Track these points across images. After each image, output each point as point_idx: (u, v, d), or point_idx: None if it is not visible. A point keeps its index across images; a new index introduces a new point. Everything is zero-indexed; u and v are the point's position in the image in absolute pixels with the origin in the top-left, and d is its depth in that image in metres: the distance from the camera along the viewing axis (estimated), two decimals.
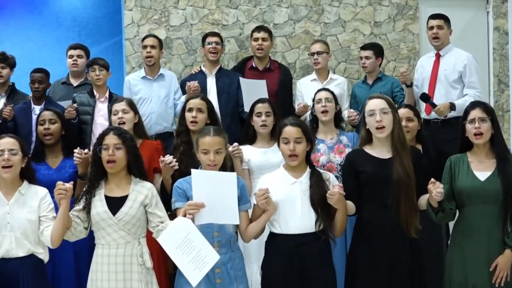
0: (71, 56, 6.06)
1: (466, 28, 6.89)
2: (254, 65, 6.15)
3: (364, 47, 6.13)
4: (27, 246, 3.75)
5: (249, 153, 4.71)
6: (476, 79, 5.65)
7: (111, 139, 3.77)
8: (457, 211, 3.96)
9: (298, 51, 6.81)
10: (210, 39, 6.07)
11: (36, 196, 3.82)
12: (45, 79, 5.68)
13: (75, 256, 4.56)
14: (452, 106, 5.43)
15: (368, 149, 3.92)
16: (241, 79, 5.72)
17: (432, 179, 3.70)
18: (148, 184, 3.82)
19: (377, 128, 3.84)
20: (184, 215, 3.54)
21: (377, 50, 6.09)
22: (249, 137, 4.83)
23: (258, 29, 6.18)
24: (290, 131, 3.79)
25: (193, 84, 5.54)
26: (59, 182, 3.60)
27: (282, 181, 3.82)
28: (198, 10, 6.76)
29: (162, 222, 3.70)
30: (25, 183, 3.88)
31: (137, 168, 3.83)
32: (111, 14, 7.26)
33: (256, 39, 6.09)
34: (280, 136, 3.83)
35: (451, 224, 4.11)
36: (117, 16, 7.09)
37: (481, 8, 7.07)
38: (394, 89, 5.91)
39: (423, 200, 3.86)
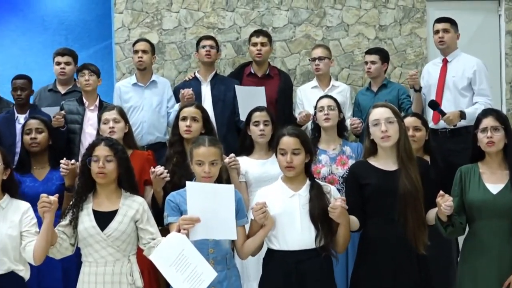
0: (59, 63, 6.01)
1: (477, 32, 6.91)
2: (252, 71, 6.15)
3: (369, 52, 6.14)
4: (6, 264, 3.73)
5: (246, 164, 4.71)
6: (486, 86, 5.66)
7: (102, 151, 3.77)
8: (467, 225, 3.96)
9: (298, 56, 6.82)
10: (204, 42, 6.08)
11: (17, 210, 3.81)
12: (28, 85, 5.67)
13: (63, 274, 4.53)
14: (462, 115, 5.44)
15: (372, 161, 3.92)
16: (236, 87, 5.71)
17: (441, 192, 3.70)
18: (139, 199, 3.82)
19: (382, 138, 3.84)
20: (178, 230, 3.54)
21: (383, 55, 6.09)
22: (246, 148, 4.83)
23: (257, 33, 6.19)
24: (287, 141, 3.79)
25: (187, 92, 5.54)
26: (43, 195, 3.58)
27: (280, 194, 3.82)
28: (192, 13, 6.78)
29: (153, 239, 3.69)
30: (6, 196, 3.87)
31: (128, 182, 3.83)
32: (100, 17, 7.26)
33: (255, 44, 6.09)
34: (277, 147, 3.83)
35: (461, 239, 4.10)
36: (107, 19, 7.09)
37: (492, 11, 7.09)
38: (400, 96, 5.91)
39: (431, 214, 3.86)
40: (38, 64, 6.80)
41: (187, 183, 3.65)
